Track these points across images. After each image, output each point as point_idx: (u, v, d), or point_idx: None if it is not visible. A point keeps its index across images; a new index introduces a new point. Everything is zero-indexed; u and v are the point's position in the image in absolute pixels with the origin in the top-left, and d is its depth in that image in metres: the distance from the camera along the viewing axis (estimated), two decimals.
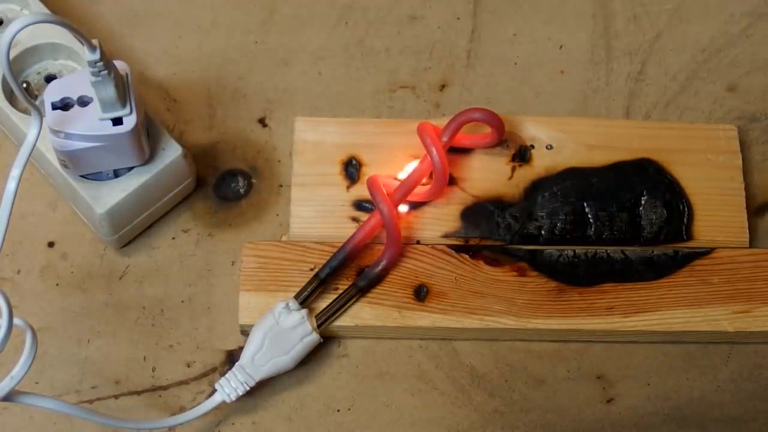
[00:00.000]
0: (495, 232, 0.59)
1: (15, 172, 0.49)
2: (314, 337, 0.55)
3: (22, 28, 0.44)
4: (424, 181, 0.58)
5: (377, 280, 0.56)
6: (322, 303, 0.56)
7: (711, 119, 0.65)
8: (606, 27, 0.67)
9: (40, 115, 0.50)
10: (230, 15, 0.66)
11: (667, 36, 0.67)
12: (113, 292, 0.58)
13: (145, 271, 0.59)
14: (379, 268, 0.56)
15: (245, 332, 0.56)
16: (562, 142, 0.61)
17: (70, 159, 0.54)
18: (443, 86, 0.65)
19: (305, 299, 0.56)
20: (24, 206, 0.60)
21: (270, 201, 0.61)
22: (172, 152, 0.57)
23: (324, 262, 0.57)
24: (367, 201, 0.59)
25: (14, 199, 0.49)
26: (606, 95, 0.65)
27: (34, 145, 0.50)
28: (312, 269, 0.57)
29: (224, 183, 0.62)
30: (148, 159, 0.56)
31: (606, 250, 0.59)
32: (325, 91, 0.65)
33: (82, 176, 0.55)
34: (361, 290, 0.56)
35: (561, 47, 0.67)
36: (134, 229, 0.58)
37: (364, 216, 0.59)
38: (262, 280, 0.57)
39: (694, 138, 0.62)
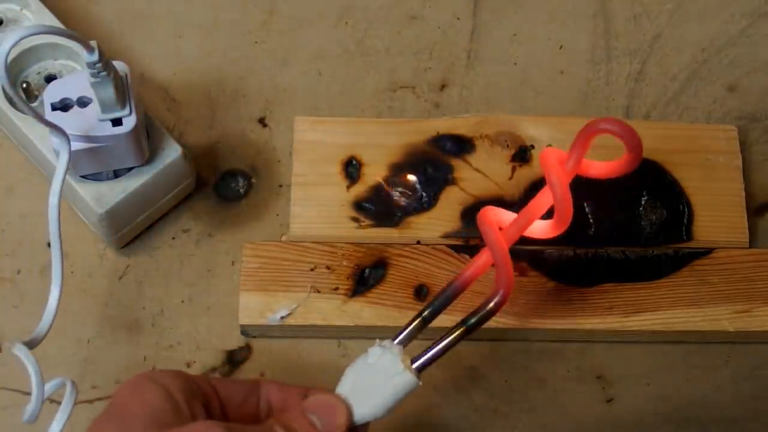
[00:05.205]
0: None
1: (53, 201, 0.50)
2: (409, 378, 0.47)
3: (16, 43, 0.45)
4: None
5: (490, 316, 0.50)
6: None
7: (711, 119, 0.65)
8: (606, 27, 0.67)
9: (67, 138, 0.50)
10: (230, 15, 0.66)
11: (667, 36, 0.67)
12: (113, 292, 0.58)
13: (145, 271, 0.59)
14: (494, 303, 0.49)
15: (245, 332, 0.56)
16: (562, 142, 0.61)
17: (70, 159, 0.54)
18: (443, 86, 0.65)
19: (405, 341, 0.49)
20: (24, 206, 0.60)
21: (270, 201, 0.61)
22: (172, 152, 0.57)
23: (323, 262, 0.57)
24: (367, 201, 0.59)
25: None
26: (606, 95, 0.65)
27: (66, 172, 0.51)
28: (312, 269, 0.57)
29: (224, 183, 0.62)
30: (148, 159, 0.56)
31: (606, 250, 0.59)
32: (325, 91, 0.65)
33: (82, 176, 0.55)
34: (470, 329, 0.50)
35: (561, 47, 0.67)
36: (134, 229, 0.58)
37: (363, 216, 0.59)
38: (262, 280, 0.57)
39: (694, 138, 0.62)
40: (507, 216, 0.52)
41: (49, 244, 0.59)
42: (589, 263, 0.58)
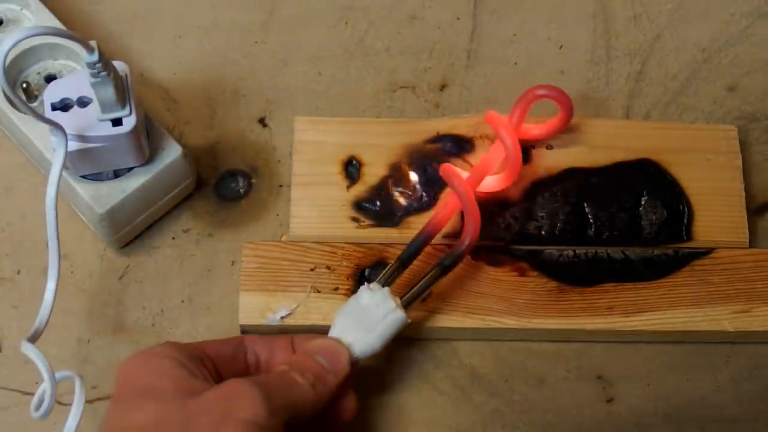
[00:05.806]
0: (495, 233, 0.59)
1: (51, 193, 0.50)
2: (400, 315, 0.52)
3: (15, 44, 0.45)
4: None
5: (461, 257, 0.55)
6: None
7: (711, 119, 0.65)
8: (606, 27, 0.67)
9: (64, 132, 0.50)
10: (230, 15, 0.66)
11: (667, 36, 0.67)
12: (113, 292, 0.58)
13: (145, 271, 0.59)
14: (464, 245, 0.55)
15: (245, 332, 0.56)
16: (562, 142, 0.61)
17: (70, 159, 0.54)
18: (443, 86, 0.65)
19: (387, 282, 0.54)
20: (24, 206, 0.60)
21: (270, 201, 0.61)
22: (172, 152, 0.57)
23: (323, 262, 0.57)
24: (367, 201, 0.59)
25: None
26: (606, 95, 0.65)
27: (62, 165, 0.50)
28: (312, 269, 0.57)
29: (224, 183, 0.62)
30: (148, 159, 0.56)
31: (606, 250, 0.59)
32: (325, 91, 0.65)
33: (82, 176, 0.55)
34: (446, 269, 0.55)
35: (561, 47, 0.67)
36: (134, 229, 0.58)
37: (363, 216, 0.59)
38: (262, 280, 0.57)
39: (694, 138, 0.62)
40: (464, 173, 0.57)
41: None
42: (589, 263, 0.58)
